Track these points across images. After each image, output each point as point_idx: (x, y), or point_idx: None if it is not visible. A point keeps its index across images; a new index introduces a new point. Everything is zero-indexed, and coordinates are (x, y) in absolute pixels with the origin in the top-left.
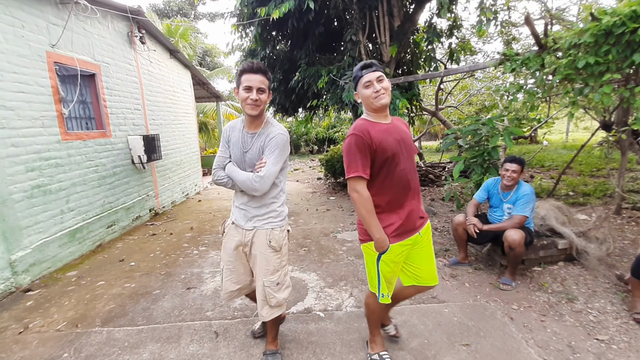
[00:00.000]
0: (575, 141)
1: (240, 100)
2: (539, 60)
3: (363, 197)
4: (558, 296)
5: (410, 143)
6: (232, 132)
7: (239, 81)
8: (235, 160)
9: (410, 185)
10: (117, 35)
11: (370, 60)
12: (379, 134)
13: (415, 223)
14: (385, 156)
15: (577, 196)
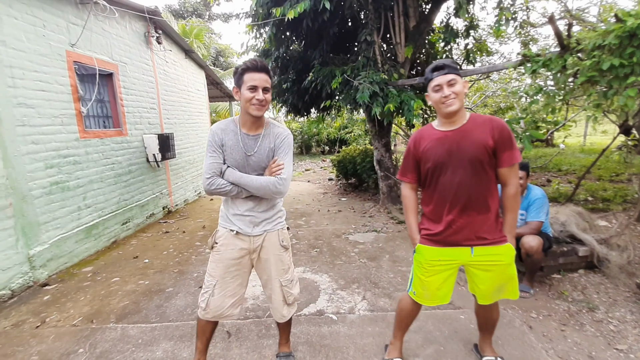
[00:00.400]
0: (592, 145)
1: (243, 101)
2: (561, 61)
3: (404, 196)
4: (579, 305)
5: (476, 153)
6: (225, 135)
7: (240, 80)
8: (236, 165)
9: (450, 198)
10: (134, 35)
11: (444, 62)
12: (430, 142)
13: (461, 239)
14: (427, 166)
15: (596, 201)
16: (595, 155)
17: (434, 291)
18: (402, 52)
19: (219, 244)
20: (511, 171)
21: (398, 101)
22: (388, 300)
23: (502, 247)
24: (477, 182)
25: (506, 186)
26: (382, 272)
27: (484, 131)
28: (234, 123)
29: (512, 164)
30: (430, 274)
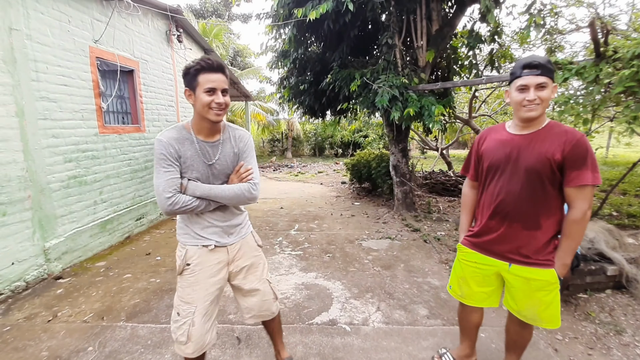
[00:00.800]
0: (615, 157)
1: (199, 105)
2: (596, 70)
3: (463, 192)
4: (606, 327)
5: (536, 165)
6: (181, 146)
7: (194, 82)
8: (198, 178)
9: (496, 204)
10: (156, 33)
11: (539, 59)
12: (493, 142)
13: (500, 250)
14: (483, 166)
15: (621, 217)
16: (619, 168)
17: (472, 289)
18: (423, 56)
19: (193, 264)
20: (579, 193)
21: (418, 106)
22: (404, 313)
23: (544, 271)
24: (530, 195)
25: (571, 208)
26: (397, 282)
27: (555, 143)
28: (187, 130)
29: (579, 185)
30: (468, 273)
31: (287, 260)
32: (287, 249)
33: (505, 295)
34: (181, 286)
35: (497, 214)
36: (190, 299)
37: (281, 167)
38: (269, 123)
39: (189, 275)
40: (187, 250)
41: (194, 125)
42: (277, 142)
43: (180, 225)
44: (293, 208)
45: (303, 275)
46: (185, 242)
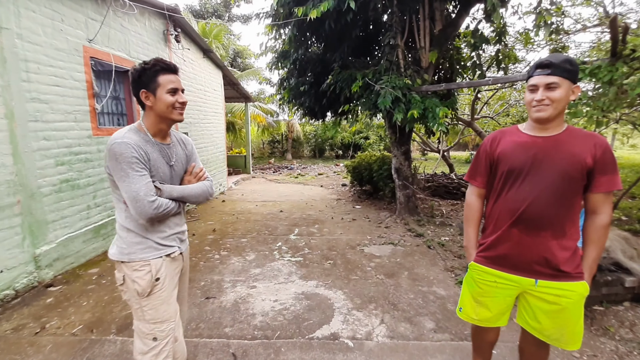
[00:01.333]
0: (620, 159)
1: (162, 106)
2: (612, 70)
3: (467, 203)
4: (628, 345)
5: (567, 168)
6: (147, 148)
7: (153, 83)
8: (164, 180)
9: (518, 213)
10: (153, 33)
11: (552, 58)
12: (510, 145)
13: (521, 259)
14: (502, 169)
15: (632, 222)
16: (625, 171)
17: (491, 312)
18: (426, 56)
19: (162, 278)
20: (607, 198)
21: (422, 108)
22: (409, 327)
23: (577, 284)
24: (559, 201)
25: (597, 214)
26: (402, 291)
27: (584, 146)
28: (143, 132)
29: (610, 190)
30: (487, 294)
31: (287, 267)
32: (286, 255)
33: (522, 313)
34: (152, 307)
35: (521, 222)
36: (167, 316)
37: (281, 169)
38: (268, 124)
39: (160, 292)
40: (153, 265)
41: (149, 128)
42: (277, 144)
43: (133, 241)
44: (293, 211)
45: (303, 284)
46: (146, 257)
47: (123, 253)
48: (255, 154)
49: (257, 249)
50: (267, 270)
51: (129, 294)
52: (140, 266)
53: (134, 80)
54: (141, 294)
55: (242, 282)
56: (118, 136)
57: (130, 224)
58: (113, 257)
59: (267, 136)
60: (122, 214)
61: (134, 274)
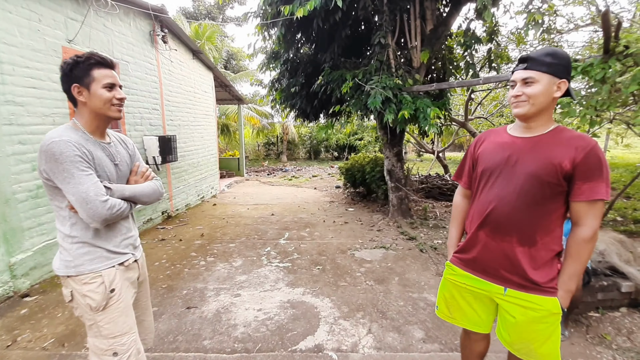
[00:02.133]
0: (614, 159)
1: (99, 102)
2: (605, 67)
3: (453, 202)
4: (626, 355)
5: (538, 172)
6: (88, 146)
7: (87, 77)
8: (111, 180)
9: (489, 213)
10: (138, 33)
11: (530, 54)
12: (492, 145)
13: (489, 265)
14: (479, 170)
15: (627, 223)
16: (619, 170)
17: (463, 310)
18: (417, 56)
19: (117, 288)
20: (590, 208)
21: (413, 108)
22: (397, 336)
23: (545, 299)
24: (529, 207)
25: (578, 226)
26: (391, 298)
27: (565, 149)
28: (81, 131)
29: (591, 199)
30: (457, 292)
31: (274, 273)
32: (274, 260)
33: (498, 324)
34: (109, 321)
35: (487, 224)
36: (127, 328)
37: (275, 171)
38: (263, 126)
39: (117, 303)
40: (105, 276)
41: (85, 126)
42: (273, 146)
43: (80, 252)
44: (284, 215)
45: (289, 292)
46: (97, 267)
47: (69, 266)
48: (251, 156)
49: (245, 255)
50: (253, 277)
51: (80, 310)
52: (91, 279)
53: (65, 74)
54: (95, 309)
55: (227, 290)
56: (54, 135)
57: (78, 232)
58: (58, 272)
59: (263, 138)
60: (65, 223)
61: (84, 288)
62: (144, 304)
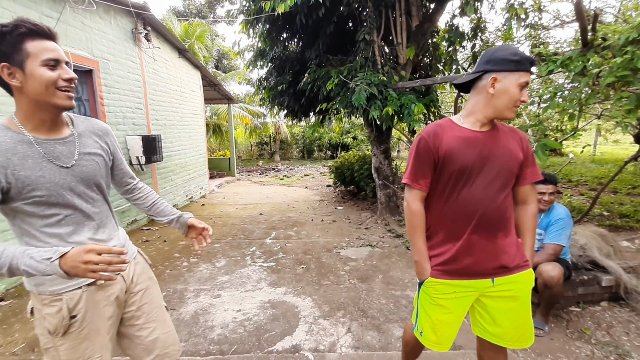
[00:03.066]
0: (603, 154)
1: (40, 86)
2: (584, 60)
3: (410, 209)
4: (605, 349)
5: (508, 165)
6: (12, 158)
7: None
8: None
9: (476, 218)
10: (120, 31)
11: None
12: (455, 140)
13: (483, 267)
14: (450, 170)
15: (613, 217)
16: (608, 166)
17: (452, 329)
18: (403, 53)
19: (80, 315)
20: (533, 188)
21: (398, 105)
22: (376, 335)
23: (526, 273)
24: (506, 199)
25: (527, 204)
26: (373, 296)
27: (514, 141)
28: (14, 130)
29: (535, 180)
30: (440, 314)
31: (257, 273)
32: (259, 260)
33: (478, 322)
34: (70, 347)
35: (481, 226)
36: (90, 353)
37: (268, 171)
38: (255, 126)
39: (79, 330)
40: (66, 300)
41: (24, 121)
42: (265, 145)
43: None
44: (273, 214)
45: (271, 291)
46: (57, 289)
47: (30, 283)
48: (244, 156)
49: (229, 255)
50: (235, 277)
51: (39, 329)
52: (50, 301)
53: None
54: (54, 334)
55: (207, 291)
56: None
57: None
58: (25, 283)
59: (255, 138)
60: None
61: (43, 310)
62: (155, 316)
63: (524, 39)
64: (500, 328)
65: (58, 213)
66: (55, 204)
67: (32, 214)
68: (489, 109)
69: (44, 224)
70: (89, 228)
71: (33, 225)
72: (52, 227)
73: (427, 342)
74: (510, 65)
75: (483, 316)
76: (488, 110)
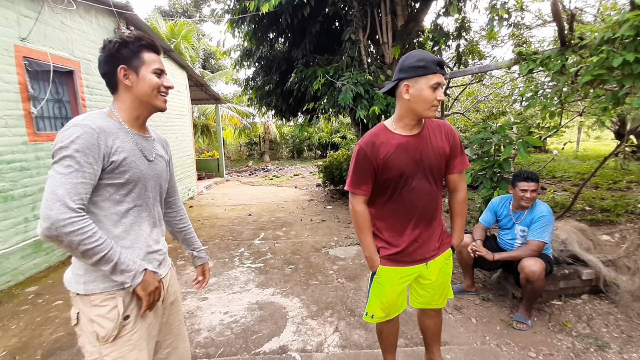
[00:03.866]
0: (586, 151)
1: (148, 88)
2: (562, 59)
3: (355, 211)
4: (585, 341)
5: (437, 162)
6: (115, 139)
7: (136, 59)
8: (138, 178)
9: (417, 211)
10: (101, 31)
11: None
12: (390, 148)
13: (423, 254)
14: (389, 176)
15: (594, 212)
16: (590, 162)
17: (397, 304)
18: (389, 52)
19: (133, 315)
20: (462, 176)
21: (384, 104)
22: (363, 333)
23: (447, 251)
24: (436, 192)
25: (457, 191)
26: (361, 295)
27: (440, 137)
28: (114, 119)
29: (463, 169)
30: (390, 296)
31: (245, 274)
32: (247, 261)
33: (413, 297)
34: (119, 356)
35: (421, 220)
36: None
37: (257, 171)
38: (244, 126)
39: (131, 334)
40: (120, 298)
41: (124, 114)
42: (255, 146)
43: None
44: (262, 214)
45: (259, 292)
46: (110, 286)
47: (79, 282)
48: (233, 156)
49: (217, 257)
50: (222, 279)
51: (84, 338)
52: (102, 301)
53: (110, 54)
54: (104, 339)
55: (194, 294)
56: (77, 118)
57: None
58: (67, 285)
59: (245, 138)
60: None
61: (92, 312)
62: (176, 329)
63: (507, 38)
64: (429, 296)
65: (130, 201)
66: (134, 191)
67: (109, 198)
68: (410, 112)
69: (114, 212)
70: (148, 224)
71: (103, 210)
72: (121, 216)
73: (377, 320)
74: (418, 71)
75: (417, 291)
76: (410, 114)
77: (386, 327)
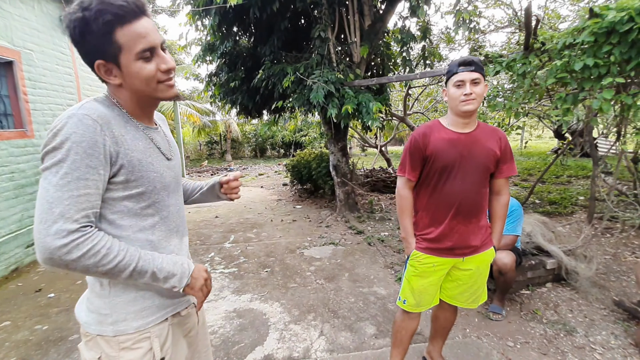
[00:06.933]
0: (529, 148)
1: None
2: (526, 62)
3: (401, 196)
4: (555, 327)
5: (484, 161)
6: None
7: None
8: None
9: (455, 207)
10: (45, 18)
11: (472, 58)
12: (440, 142)
13: (460, 247)
14: (436, 166)
15: (544, 205)
16: (534, 158)
17: (430, 294)
18: (357, 51)
19: (169, 355)
20: (506, 182)
21: (355, 103)
22: (349, 335)
23: (488, 251)
24: (481, 190)
25: (501, 195)
26: (342, 295)
27: (493, 140)
28: (118, 109)
29: (510, 175)
30: (421, 280)
31: (219, 281)
32: (219, 266)
33: (444, 286)
34: None
35: (459, 214)
36: None
37: (219, 171)
38: (204, 124)
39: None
40: (155, 336)
41: (126, 104)
42: (216, 145)
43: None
44: (230, 216)
45: (236, 299)
46: (145, 324)
47: (104, 322)
48: (192, 156)
49: None
50: None
51: None
52: (134, 342)
53: (77, 43)
54: None
55: None
56: (72, 108)
57: None
58: (86, 326)
59: (204, 137)
60: None
61: (121, 356)
62: (204, 356)
63: (464, 42)
64: (459, 293)
65: (154, 214)
66: (156, 202)
67: (128, 213)
68: (451, 110)
69: (139, 229)
70: (176, 236)
71: (125, 230)
72: (147, 233)
73: (408, 307)
74: (446, 77)
75: (449, 283)
76: (452, 112)
77: (404, 322)
